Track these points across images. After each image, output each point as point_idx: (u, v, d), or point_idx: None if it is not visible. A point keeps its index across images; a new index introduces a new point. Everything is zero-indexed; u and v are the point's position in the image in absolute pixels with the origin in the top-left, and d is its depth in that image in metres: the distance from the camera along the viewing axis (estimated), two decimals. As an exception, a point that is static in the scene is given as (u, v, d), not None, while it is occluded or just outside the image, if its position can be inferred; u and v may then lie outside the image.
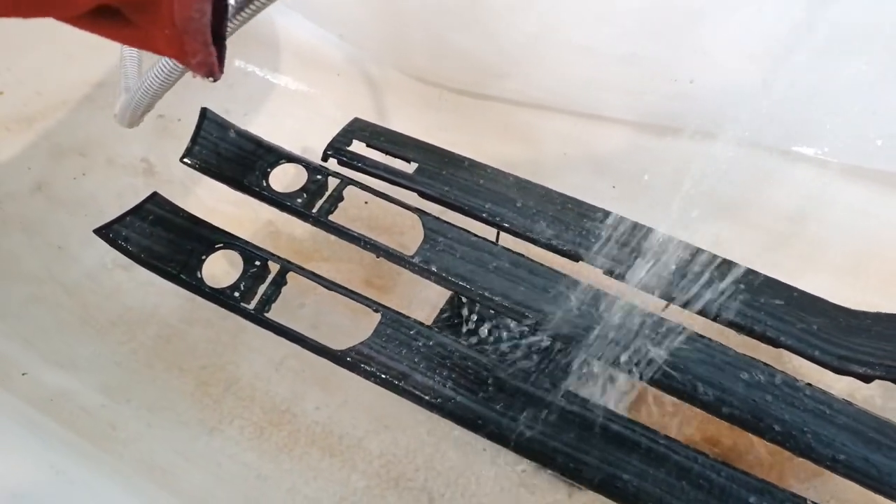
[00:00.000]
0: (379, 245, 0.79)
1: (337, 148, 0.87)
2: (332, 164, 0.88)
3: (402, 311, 0.76)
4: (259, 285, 0.79)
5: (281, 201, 0.84)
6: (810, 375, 0.75)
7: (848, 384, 0.74)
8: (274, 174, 0.87)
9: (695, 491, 0.64)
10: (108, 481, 0.59)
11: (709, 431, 0.84)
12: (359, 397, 0.87)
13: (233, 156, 0.87)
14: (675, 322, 0.73)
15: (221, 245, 0.81)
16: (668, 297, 0.73)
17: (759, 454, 0.82)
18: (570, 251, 0.78)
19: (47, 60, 1.15)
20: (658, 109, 0.91)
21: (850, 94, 0.75)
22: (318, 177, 0.86)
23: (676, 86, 0.86)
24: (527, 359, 0.85)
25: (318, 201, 0.84)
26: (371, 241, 0.80)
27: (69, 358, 0.88)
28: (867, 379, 0.67)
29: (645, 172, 0.91)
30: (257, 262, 0.79)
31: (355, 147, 0.88)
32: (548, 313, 0.74)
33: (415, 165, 0.86)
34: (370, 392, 0.78)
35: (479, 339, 0.87)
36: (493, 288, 0.76)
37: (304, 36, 1.13)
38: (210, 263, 0.80)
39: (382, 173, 0.85)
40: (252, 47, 1.18)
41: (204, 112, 0.88)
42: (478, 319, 0.88)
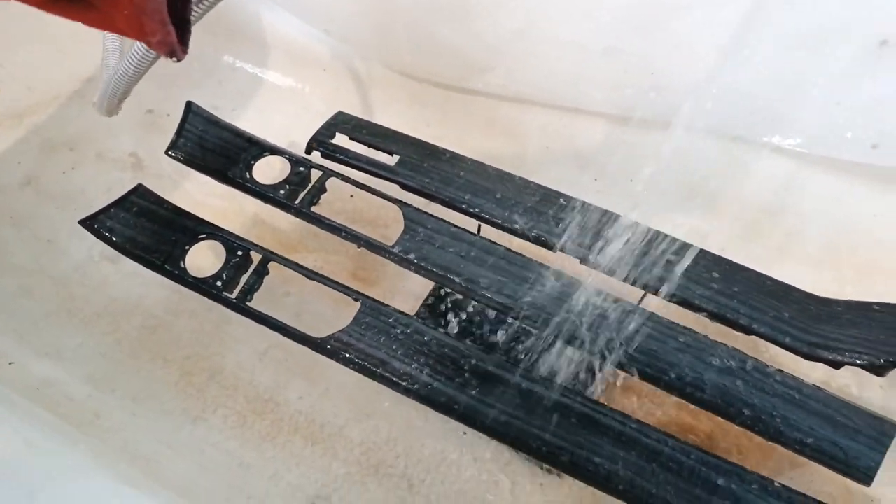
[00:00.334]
0: (359, 235, 0.81)
1: (320, 141, 0.89)
2: (316, 157, 0.89)
3: (385, 301, 0.77)
4: (241, 275, 0.80)
5: (263, 192, 0.85)
6: (787, 364, 0.76)
7: (824, 372, 0.75)
8: (259, 167, 0.88)
9: (665, 473, 0.65)
10: (83, 457, 0.60)
11: (686, 420, 0.85)
12: (341, 386, 0.88)
13: (217, 148, 0.88)
14: (650, 310, 0.74)
15: (204, 235, 0.82)
16: (643, 286, 0.75)
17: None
18: (546, 240, 0.79)
19: (38, 57, 1.17)
20: (637, 103, 0.92)
21: (821, 87, 0.76)
22: (301, 169, 0.87)
23: (654, 79, 0.87)
24: (502, 345, 0.87)
25: (301, 193, 0.85)
26: (351, 232, 0.81)
27: (55, 348, 0.89)
28: (836, 365, 0.68)
29: (625, 165, 0.93)
30: (239, 253, 0.80)
31: (338, 140, 0.89)
32: (524, 301, 0.75)
33: (396, 158, 0.87)
34: (352, 381, 0.79)
35: (460, 328, 0.88)
36: (471, 277, 0.77)
37: (292, 32, 1.14)
38: (194, 254, 0.81)
39: (364, 165, 0.86)
40: (240, 43, 1.20)
41: (189, 105, 0.90)
42: (458, 308, 0.90)
